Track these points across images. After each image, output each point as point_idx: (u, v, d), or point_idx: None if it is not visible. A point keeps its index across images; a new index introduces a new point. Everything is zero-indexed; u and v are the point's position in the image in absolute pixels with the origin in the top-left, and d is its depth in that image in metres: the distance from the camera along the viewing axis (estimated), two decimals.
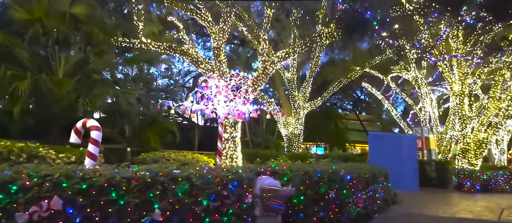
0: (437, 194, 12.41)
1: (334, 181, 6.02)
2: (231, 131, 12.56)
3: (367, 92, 32.09)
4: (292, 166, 6.22)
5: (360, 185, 6.90)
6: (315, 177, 5.89)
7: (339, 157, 12.56)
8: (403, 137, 13.69)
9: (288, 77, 19.81)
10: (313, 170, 6.00)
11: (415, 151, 13.76)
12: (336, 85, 20.77)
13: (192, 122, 20.37)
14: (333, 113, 29.47)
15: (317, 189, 5.86)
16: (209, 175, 4.69)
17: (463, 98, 16.83)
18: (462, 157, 16.56)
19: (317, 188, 5.86)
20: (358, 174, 6.85)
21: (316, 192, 5.84)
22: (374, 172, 7.85)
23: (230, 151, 12.51)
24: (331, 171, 6.13)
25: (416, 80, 23.39)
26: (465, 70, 16.83)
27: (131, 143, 13.36)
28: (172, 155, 11.52)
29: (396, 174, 11.67)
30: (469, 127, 16.69)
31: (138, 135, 13.72)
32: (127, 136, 13.07)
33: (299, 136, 19.66)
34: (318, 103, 20.69)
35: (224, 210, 4.71)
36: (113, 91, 11.07)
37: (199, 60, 12.93)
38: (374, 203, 7.70)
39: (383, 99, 24.73)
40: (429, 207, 9.32)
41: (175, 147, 15.35)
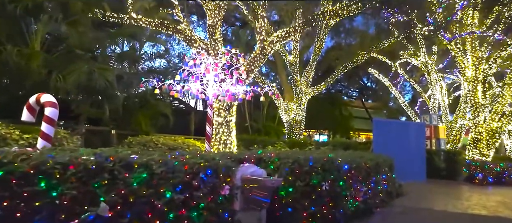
0: (446, 186, 11.57)
1: (329, 171, 5.22)
2: (225, 115, 11.79)
3: (374, 79, 31.03)
4: (281, 153, 5.43)
5: (359, 176, 6.09)
6: (306, 166, 5.09)
7: (340, 145, 11.74)
8: (411, 125, 12.81)
9: (291, 60, 18.88)
10: (305, 158, 5.20)
11: (423, 139, 12.89)
12: (341, 70, 19.80)
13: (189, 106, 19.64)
14: (338, 100, 28.46)
15: (308, 180, 5.06)
16: (175, 161, 3.91)
17: (476, 84, 15.82)
18: (473, 147, 15.65)
19: (309, 179, 5.06)
20: (358, 164, 6.03)
21: (307, 184, 5.05)
22: (376, 162, 7.03)
23: (224, 136, 11.76)
24: (326, 159, 5.32)
25: (425, 66, 22.34)
26: (479, 54, 15.75)
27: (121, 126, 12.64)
28: (161, 139, 10.78)
29: (402, 164, 10.88)
30: (481, 115, 15.71)
31: (128, 118, 12.98)
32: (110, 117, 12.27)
33: (301, 122, 18.84)
34: (322, 88, 19.79)
35: (193, 203, 3.94)
36: (88, 66, 10.19)
37: (193, 38, 12.08)
38: (376, 196, 6.90)
39: (390, 86, 23.74)
40: (437, 200, 8.50)
41: (169, 132, 14.65)
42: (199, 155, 4.34)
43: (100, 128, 11.88)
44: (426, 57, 21.90)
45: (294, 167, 5.07)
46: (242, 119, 21.76)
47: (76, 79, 9.85)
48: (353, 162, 5.94)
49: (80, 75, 9.93)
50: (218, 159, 4.43)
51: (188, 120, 18.58)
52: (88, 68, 10.22)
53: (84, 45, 10.86)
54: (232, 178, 4.58)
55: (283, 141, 14.03)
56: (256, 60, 12.29)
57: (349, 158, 6.09)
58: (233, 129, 12.00)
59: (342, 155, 6.17)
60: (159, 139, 10.88)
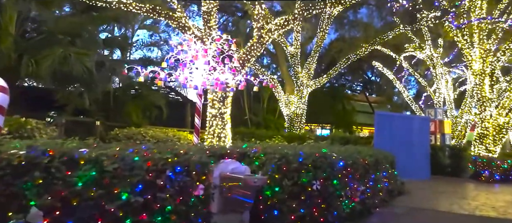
0: (451, 184, 10.96)
1: (321, 168, 4.63)
2: (219, 106, 11.19)
3: (378, 73, 30.27)
4: (267, 148, 4.84)
5: (357, 173, 5.50)
6: (295, 162, 4.50)
7: (339, 139, 11.14)
8: (415, 119, 12.17)
9: (291, 51, 18.22)
10: (294, 153, 4.62)
11: (427, 134, 12.25)
12: (344, 62, 19.11)
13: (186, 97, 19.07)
14: (340, 93, 27.75)
15: (297, 178, 4.48)
16: (135, 157, 3.33)
17: (483, 77, 15.09)
18: (479, 143, 14.96)
19: (297, 177, 4.48)
20: (355, 160, 5.44)
21: (295, 182, 4.47)
22: (376, 158, 6.43)
23: (218, 129, 11.17)
24: (318, 155, 4.72)
25: (431, 59, 21.60)
26: (487, 46, 15.00)
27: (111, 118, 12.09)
28: (151, 132, 10.23)
29: (405, 160, 10.31)
30: (488, 110, 15.00)
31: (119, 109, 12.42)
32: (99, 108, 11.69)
33: (302, 116, 18.22)
34: (324, 81, 19.14)
35: (156, 206, 3.37)
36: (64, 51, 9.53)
37: (186, 26, 11.46)
38: (376, 195, 6.32)
39: (394, 80, 23.02)
40: (442, 200, 7.90)
41: (163, 124, 14.09)
42: (169, 150, 3.76)
43: (84, 119, 11.33)
44: (431, 50, 21.14)
45: (281, 163, 4.49)
46: (242, 112, 21.20)
47: (50, 64, 9.22)
48: (350, 159, 5.35)
49: (54, 60, 9.30)
50: (191, 154, 3.85)
51: (184, 112, 18.00)
52: (63, 52, 9.56)
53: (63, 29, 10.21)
54: (208, 176, 4.00)
55: (281, 135, 13.44)
56: (253, 49, 11.64)
57: (345, 153, 5.50)
58: (228, 122, 11.40)
59: (338, 151, 5.59)
60: (149, 131, 10.33)
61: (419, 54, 22.17)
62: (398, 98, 30.26)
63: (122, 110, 12.47)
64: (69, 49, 9.91)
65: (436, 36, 21.60)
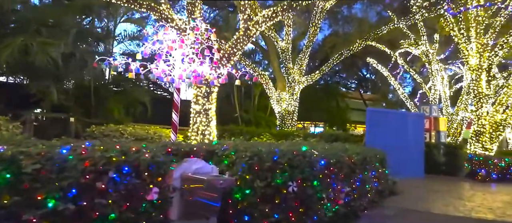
0: (446, 183, 10.48)
1: (298, 168, 4.11)
2: (203, 102, 10.66)
3: (373, 70, 29.84)
4: (239, 145, 4.31)
5: (341, 173, 4.98)
6: (268, 161, 3.98)
7: (328, 136, 10.64)
8: (409, 115, 11.68)
9: (282, 46, 17.68)
10: (268, 151, 4.10)
11: (422, 132, 11.76)
12: (337, 58, 18.60)
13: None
14: (334, 90, 27.24)
15: (271, 179, 3.95)
16: (70, 155, 2.80)
17: (480, 73, 14.63)
18: (476, 141, 14.52)
19: (271, 177, 3.96)
20: (339, 159, 4.92)
21: (268, 184, 3.94)
22: (364, 156, 5.92)
23: (202, 126, 10.64)
24: (296, 153, 4.20)
25: (426, 55, 21.16)
26: (484, 41, 14.54)
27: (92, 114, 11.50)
28: (130, 129, 9.68)
29: (397, 158, 9.80)
30: (485, 106, 14.55)
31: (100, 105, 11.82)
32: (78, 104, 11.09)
33: (293, 113, 17.71)
34: (316, 77, 18.62)
35: (94, 215, 2.84)
36: (25, 40, 8.88)
37: (169, 17, 10.89)
38: (363, 197, 5.81)
39: (389, 76, 22.56)
40: (436, 200, 7.41)
41: (148, 121, 13.52)
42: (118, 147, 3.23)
43: (58, 116, 10.74)
44: (427, 46, 20.69)
45: (252, 162, 3.97)
46: (232, 109, 20.65)
47: (9, 54, 8.59)
48: (333, 157, 4.83)
49: (14, 49, 8.68)
50: (143, 152, 3.31)
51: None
52: (24, 41, 8.93)
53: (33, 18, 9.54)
54: (165, 178, 3.47)
55: (270, 132, 12.93)
56: (239, 42, 11.10)
57: (328, 152, 4.98)
58: (213, 119, 10.87)
59: (321, 149, 5.07)
60: (128, 128, 9.78)
61: (415, 50, 21.73)
62: (393, 95, 29.86)
63: (103, 106, 11.88)
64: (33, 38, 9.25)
65: (432, 31, 21.15)
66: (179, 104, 7.64)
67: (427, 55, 21.15)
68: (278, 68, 19.08)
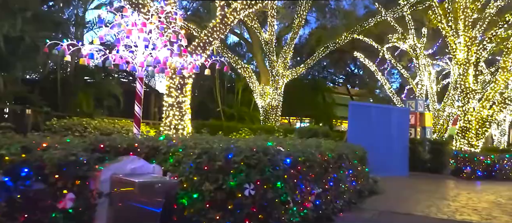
0: (431, 182, 10.06)
1: (257, 167, 3.52)
2: (176, 94, 10.00)
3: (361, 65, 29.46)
4: (189, 141, 3.70)
5: (311, 172, 4.40)
6: (220, 160, 3.37)
7: (307, 131, 10.08)
8: (393, 110, 11.22)
9: (266, 38, 17.05)
10: (222, 148, 3.49)
11: (407, 127, 11.31)
12: (322, 51, 18.06)
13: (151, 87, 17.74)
14: (320, 85, 26.73)
15: (223, 181, 3.34)
16: None
17: (468, 67, 14.24)
18: (462, 137, 14.16)
19: (223, 179, 3.35)
20: (309, 156, 4.34)
21: (219, 187, 3.34)
22: (341, 153, 5.36)
23: (175, 120, 9.98)
24: (255, 149, 3.61)
25: (414, 50, 20.79)
26: (472, 33, 14.15)
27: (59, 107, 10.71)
28: (94, 123, 8.98)
29: (381, 156, 9.37)
30: (472, 102, 14.19)
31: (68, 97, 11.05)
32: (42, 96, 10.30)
33: (277, 108, 17.14)
34: (301, 71, 18.05)
35: None
36: None
37: (140, 2, 10.16)
38: (338, 198, 5.26)
39: (376, 71, 22.14)
40: (419, 201, 6.93)
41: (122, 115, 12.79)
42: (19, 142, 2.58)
43: (12, 107, 9.94)
44: (414, 40, 20.30)
45: (201, 161, 3.36)
46: (214, 104, 20.00)
47: None
48: (302, 154, 4.25)
49: None
50: (60, 148, 2.68)
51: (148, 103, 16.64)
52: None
53: None
54: (87, 181, 2.84)
55: (249, 128, 12.34)
56: (215, 31, 10.45)
57: (298, 148, 4.41)
58: (187, 112, 10.21)
59: (289, 145, 4.51)
60: (93, 122, 9.08)
61: (402, 45, 21.36)
62: (380, 91, 29.54)
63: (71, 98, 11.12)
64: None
65: (420, 25, 20.80)
66: (142, 95, 6.97)
67: (414, 49, 20.79)
68: (262, 61, 18.49)
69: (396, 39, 21.54)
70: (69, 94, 11.25)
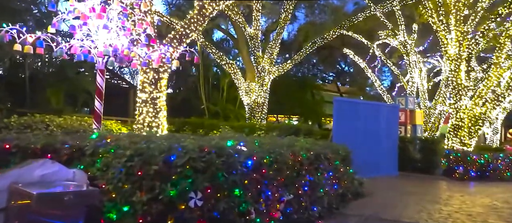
0: (422, 183, 9.50)
1: (207, 171, 2.85)
2: (150, 90, 9.29)
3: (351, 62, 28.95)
4: (124, 139, 3.01)
5: (280, 176, 3.75)
6: (156, 162, 2.70)
7: (287, 129, 9.43)
8: (382, 107, 10.64)
9: (251, 33, 16.38)
10: (163, 148, 2.81)
11: (396, 125, 10.75)
12: (310, 47, 17.45)
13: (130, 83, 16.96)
14: (309, 82, 26.11)
15: (160, 189, 2.67)
16: None
17: (459, 63, 13.74)
18: (454, 135, 13.65)
19: (161, 187, 2.68)
20: (277, 157, 3.68)
21: (155, 197, 2.67)
22: (318, 152, 4.71)
23: (149, 117, 9.28)
24: (206, 149, 2.94)
25: (404, 46, 20.27)
26: (464, 28, 13.64)
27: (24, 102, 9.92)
28: (58, 120, 8.23)
29: (368, 155, 8.84)
30: (464, 99, 13.69)
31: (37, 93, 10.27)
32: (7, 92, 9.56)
33: (263, 105, 16.48)
34: (288, 67, 17.42)
35: None
36: None
37: None
38: (316, 203, 4.61)
39: (365, 68, 21.62)
40: (408, 205, 6.33)
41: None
42: None
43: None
44: (405, 36, 19.80)
45: (133, 165, 2.68)
46: (199, 101, 19.28)
47: None
48: (268, 155, 3.60)
49: None
50: None
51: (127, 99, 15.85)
52: None
53: None
54: None
55: (231, 126, 11.67)
56: (193, 23, 9.75)
57: (265, 148, 3.76)
58: (162, 109, 9.51)
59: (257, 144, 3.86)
60: (56, 119, 8.32)
61: (393, 41, 20.86)
62: (371, 88, 29.05)
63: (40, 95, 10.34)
64: None
65: (410, 21, 20.30)
66: (103, 89, 6.26)
67: (405, 45, 20.28)
68: (247, 57, 17.81)
69: (386, 35, 21.06)
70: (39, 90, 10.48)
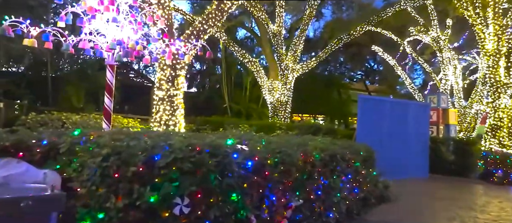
0: (454, 187, 8.75)
1: (197, 173, 2.49)
2: (167, 87, 9.11)
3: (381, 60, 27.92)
4: (102, 138, 2.70)
5: (287, 179, 3.34)
6: (134, 163, 2.36)
7: (307, 128, 8.91)
8: (411, 105, 9.91)
9: (274, 30, 15.96)
10: (148, 146, 2.48)
11: (426, 124, 10.00)
12: (336, 43, 16.82)
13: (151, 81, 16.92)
14: (335, 81, 25.31)
15: (138, 194, 2.34)
16: None
17: (498, 59, 12.72)
18: (492, 136, 12.64)
19: (138, 191, 2.35)
20: (284, 158, 3.28)
21: (133, 203, 2.33)
22: (335, 153, 4.25)
23: (165, 115, 9.10)
24: (198, 149, 2.59)
25: (437, 42, 19.19)
26: (503, 21, 12.62)
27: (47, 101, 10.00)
28: (74, 118, 8.17)
29: (395, 155, 8.25)
30: (503, 97, 12.66)
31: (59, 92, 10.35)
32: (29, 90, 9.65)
33: (287, 104, 16.03)
34: (312, 64, 16.86)
35: None
36: None
37: None
38: (331, 209, 4.16)
39: (395, 65, 20.69)
40: (438, 211, 5.73)
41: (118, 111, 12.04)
42: None
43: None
44: (438, 31, 18.73)
45: (108, 165, 2.36)
46: (222, 100, 19.07)
47: None
48: (274, 155, 3.20)
49: None
50: None
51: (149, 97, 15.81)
52: None
53: None
54: None
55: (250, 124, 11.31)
56: (211, 18, 9.49)
57: (271, 147, 3.36)
58: (179, 107, 9.31)
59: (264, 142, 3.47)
60: (72, 117, 8.28)
61: (425, 38, 19.81)
62: (401, 87, 27.89)
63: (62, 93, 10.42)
64: None
65: (444, 15, 19.19)
66: (113, 85, 6.05)
67: (438, 42, 19.20)
68: (270, 55, 17.41)
69: (417, 31, 20.03)
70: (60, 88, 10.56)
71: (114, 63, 6.08)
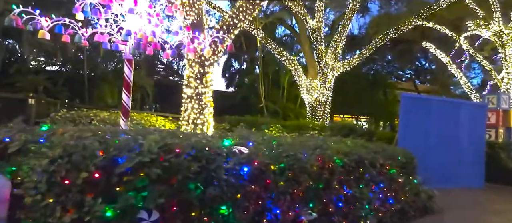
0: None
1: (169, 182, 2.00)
2: (196, 85, 8.82)
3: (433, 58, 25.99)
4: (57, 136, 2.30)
5: (296, 188, 2.77)
6: (90, 169, 1.92)
7: (339, 129, 8.10)
8: (464, 105, 8.74)
9: (313, 26, 15.22)
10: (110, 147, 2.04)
11: (482, 127, 8.82)
12: (381, 39, 15.73)
13: None
14: (381, 80, 23.84)
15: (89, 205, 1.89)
16: None
17: None
18: None
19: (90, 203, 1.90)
20: (291, 162, 2.71)
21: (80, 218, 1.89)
22: (361, 159, 3.58)
23: (194, 114, 8.81)
24: (178, 151, 2.11)
25: (499, 37, 17.31)
26: None
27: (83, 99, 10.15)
28: (103, 115, 8.14)
29: (443, 162, 7.32)
30: None
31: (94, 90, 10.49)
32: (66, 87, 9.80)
33: (326, 104, 15.22)
34: (354, 62, 15.88)
35: None
36: None
37: None
38: None
39: (449, 62, 19.00)
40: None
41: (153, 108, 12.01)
42: None
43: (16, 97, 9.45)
44: (501, 25, 16.89)
45: (55, 170, 1.94)
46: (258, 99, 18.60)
47: None
48: (279, 159, 2.64)
49: None
50: None
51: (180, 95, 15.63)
52: None
53: None
54: None
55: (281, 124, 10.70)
56: (241, 12, 9.07)
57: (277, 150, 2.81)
58: (208, 106, 8.98)
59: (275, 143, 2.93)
60: (101, 114, 8.27)
61: (485, 32, 17.96)
62: (456, 87, 25.73)
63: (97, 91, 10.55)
64: None
65: (507, 6, 17.26)
66: (131, 81, 5.79)
67: (500, 36, 17.32)
68: (309, 52, 16.67)
69: (476, 25, 18.21)
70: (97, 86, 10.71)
71: (131, 57, 5.83)
